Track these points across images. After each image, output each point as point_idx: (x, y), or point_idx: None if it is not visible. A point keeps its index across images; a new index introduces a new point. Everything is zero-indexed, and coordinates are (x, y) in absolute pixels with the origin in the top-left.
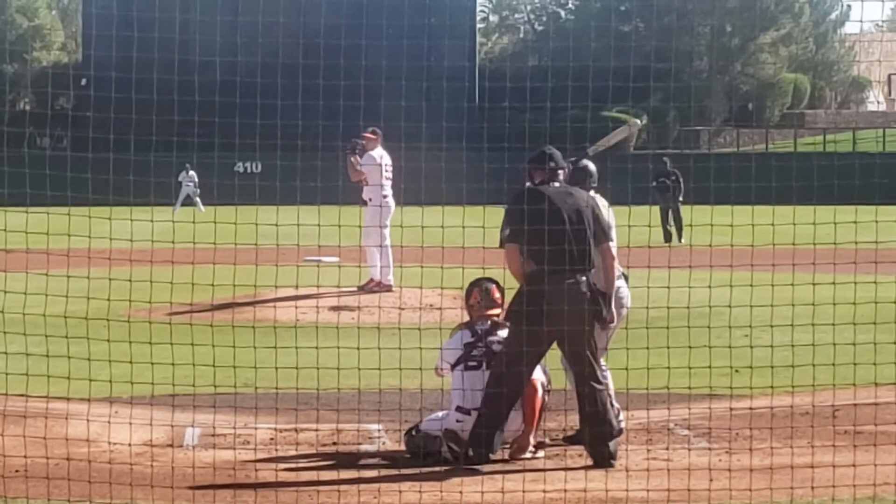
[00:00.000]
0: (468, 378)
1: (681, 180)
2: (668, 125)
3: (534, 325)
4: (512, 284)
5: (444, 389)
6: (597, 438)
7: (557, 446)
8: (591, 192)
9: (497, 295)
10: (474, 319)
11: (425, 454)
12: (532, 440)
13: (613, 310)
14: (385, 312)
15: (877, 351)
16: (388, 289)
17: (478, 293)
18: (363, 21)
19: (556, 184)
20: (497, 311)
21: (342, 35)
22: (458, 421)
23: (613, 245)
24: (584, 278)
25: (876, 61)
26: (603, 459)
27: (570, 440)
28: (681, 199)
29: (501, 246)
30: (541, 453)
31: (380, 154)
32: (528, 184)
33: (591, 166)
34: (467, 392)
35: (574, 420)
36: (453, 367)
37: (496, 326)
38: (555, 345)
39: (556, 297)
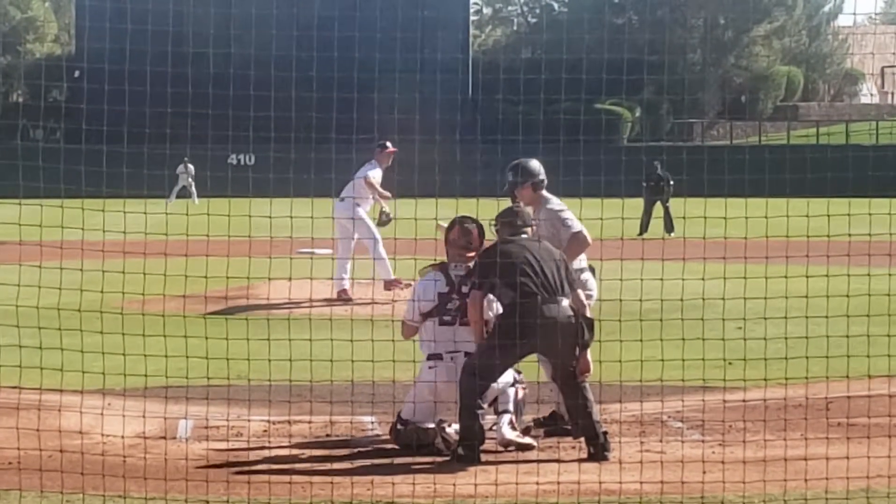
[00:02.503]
0: (441, 332)
1: (671, 183)
2: (661, 118)
3: (514, 347)
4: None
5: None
6: (588, 430)
7: (552, 438)
8: (544, 192)
9: (476, 236)
10: (450, 258)
11: (418, 446)
12: (516, 426)
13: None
14: (378, 304)
15: (870, 343)
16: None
17: (458, 230)
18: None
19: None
20: (472, 253)
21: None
22: (430, 367)
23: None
24: (564, 300)
25: (869, 54)
26: (598, 451)
27: (541, 424)
28: (668, 204)
29: (467, 295)
30: (534, 434)
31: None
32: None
33: (533, 164)
34: (440, 343)
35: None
36: (425, 316)
37: (470, 273)
38: None
39: (539, 314)
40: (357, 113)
